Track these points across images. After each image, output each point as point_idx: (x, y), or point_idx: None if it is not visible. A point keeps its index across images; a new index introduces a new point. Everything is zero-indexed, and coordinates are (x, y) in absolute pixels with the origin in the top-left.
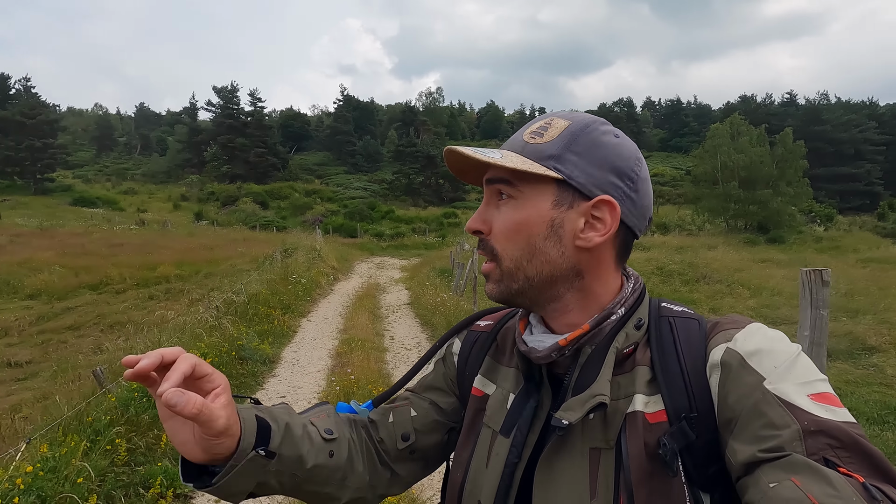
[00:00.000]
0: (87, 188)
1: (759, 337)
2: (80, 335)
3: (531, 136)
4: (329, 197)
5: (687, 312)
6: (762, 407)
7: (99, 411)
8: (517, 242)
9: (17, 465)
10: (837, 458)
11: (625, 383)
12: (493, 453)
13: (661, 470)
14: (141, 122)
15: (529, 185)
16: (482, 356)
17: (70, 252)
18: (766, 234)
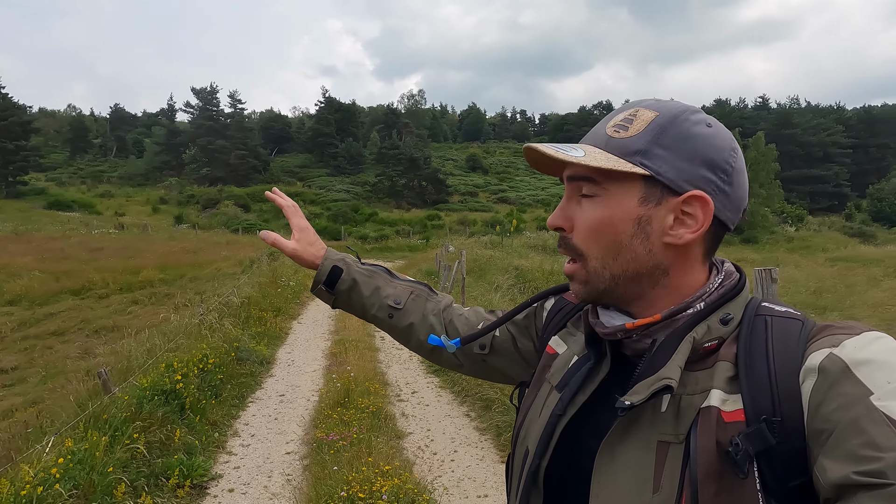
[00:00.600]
0: (61, 191)
1: (876, 347)
2: (65, 341)
3: (615, 130)
4: (312, 199)
5: (791, 313)
6: (864, 423)
7: (115, 409)
8: (602, 241)
9: (47, 457)
10: None
11: (703, 378)
12: (546, 405)
13: (730, 470)
14: (116, 123)
15: (615, 181)
16: (565, 321)
17: (49, 257)
18: (741, 234)
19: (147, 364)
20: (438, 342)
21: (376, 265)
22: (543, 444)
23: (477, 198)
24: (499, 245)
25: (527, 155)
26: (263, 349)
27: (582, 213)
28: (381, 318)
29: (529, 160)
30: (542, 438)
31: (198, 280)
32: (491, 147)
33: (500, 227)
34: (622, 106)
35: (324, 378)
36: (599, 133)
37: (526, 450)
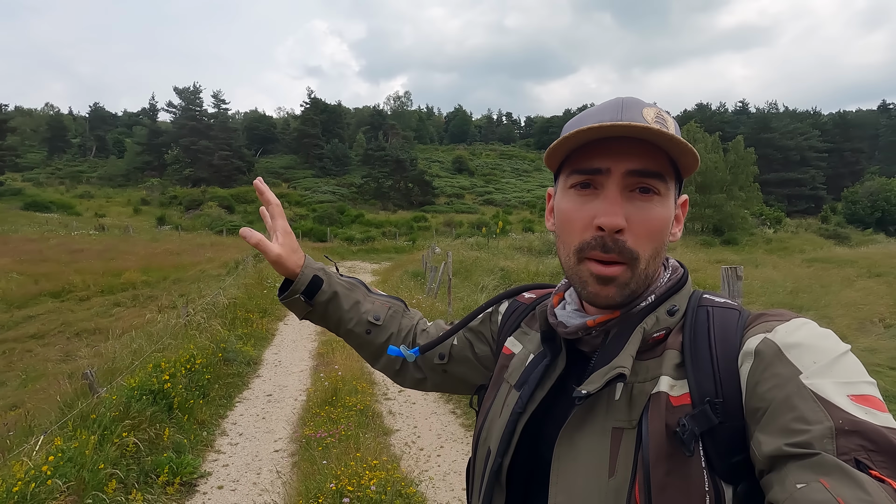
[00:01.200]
0: (38, 192)
1: (804, 332)
2: (45, 344)
3: (660, 126)
4: (297, 201)
5: (729, 304)
6: (794, 400)
7: (104, 408)
8: (656, 243)
9: (37, 455)
10: (870, 461)
11: (653, 366)
12: (505, 405)
13: (679, 450)
14: (96, 122)
15: (671, 181)
16: (519, 321)
17: (27, 259)
18: (721, 236)
19: (134, 365)
20: (398, 352)
21: (354, 278)
22: (505, 443)
23: (463, 200)
24: (485, 247)
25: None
26: (250, 350)
27: (643, 211)
28: (358, 332)
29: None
30: (503, 437)
31: (181, 282)
32: (477, 149)
33: (485, 229)
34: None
35: (311, 378)
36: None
37: (488, 450)
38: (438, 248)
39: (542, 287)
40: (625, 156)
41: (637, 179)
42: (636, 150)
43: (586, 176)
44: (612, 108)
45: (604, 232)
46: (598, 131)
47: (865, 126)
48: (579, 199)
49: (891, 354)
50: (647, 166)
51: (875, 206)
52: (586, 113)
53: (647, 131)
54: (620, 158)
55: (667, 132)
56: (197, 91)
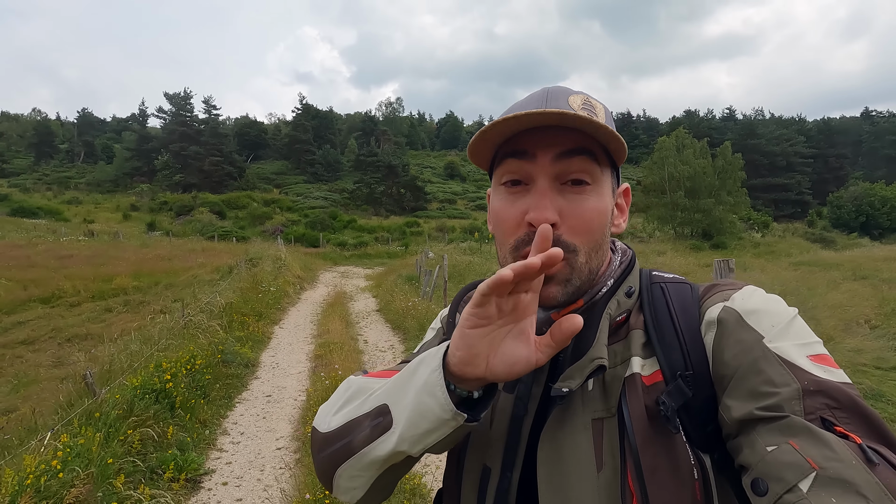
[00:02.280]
0: (25, 197)
1: (757, 297)
2: (35, 349)
3: (587, 113)
4: (289, 206)
5: (678, 278)
6: (761, 364)
7: (108, 407)
8: (594, 234)
9: (45, 451)
10: (834, 418)
11: (621, 350)
12: (498, 410)
13: (663, 430)
14: (84, 128)
15: (606, 169)
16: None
17: (15, 265)
18: (710, 240)
19: (135, 365)
20: None
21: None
22: (511, 454)
23: (455, 205)
24: (477, 251)
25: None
26: (248, 352)
27: (576, 204)
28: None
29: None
30: (507, 448)
31: (173, 287)
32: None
33: (478, 234)
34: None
35: (309, 379)
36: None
37: (483, 469)
38: (432, 252)
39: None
40: (551, 142)
41: (566, 166)
42: (562, 137)
43: (516, 163)
44: (538, 99)
45: (535, 228)
46: (517, 120)
47: (849, 132)
48: (510, 197)
49: (875, 354)
50: (576, 144)
51: (860, 210)
52: (513, 105)
53: (565, 117)
54: (547, 144)
55: (586, 117)
56: (188, 97)
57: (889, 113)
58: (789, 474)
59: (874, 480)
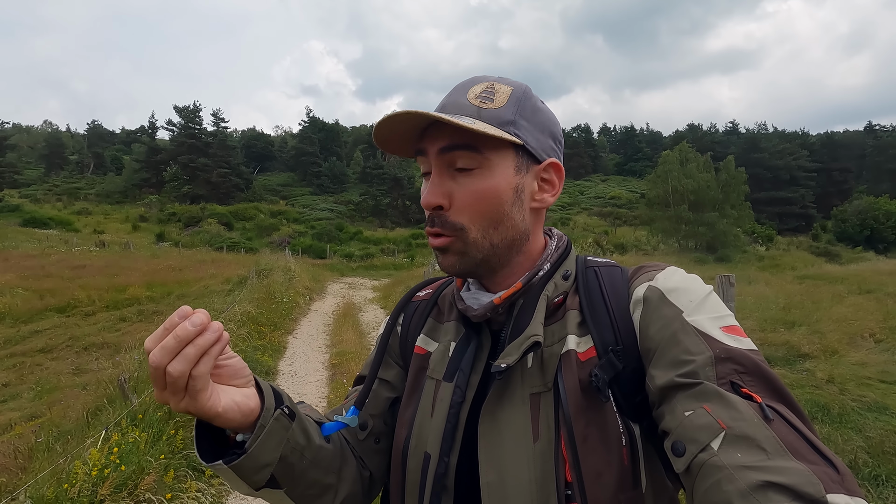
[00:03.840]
0: (36, 208)
1: (677, 277)
2: (54, 357)
3: (481, 101)
4: (295, 218)
5: (610, 262)
6: (680, 335)
7: (151, 409)
8: (485, 212)
9: (100, 448)
10: (741, 381)
11: (558, 330)
12: (438, 400)
13: (594, 401)
14: (94, 140)
15: (495, 151)
16: (424, 320)
17: (30, 274)
18: (715, 253)
19: None
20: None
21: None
22: (449, 439)
23: None
24: None
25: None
26: (268, 360)
27: (462, 186)
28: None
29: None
30: (445, 434)
31: (186, 297)
32: None
33: None
34: (469, 80)
35: (328, 387)
36: (464, 104)
37: (425, 456)
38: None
39: (434, 281)
40: (435, 137)
41: (452, 155)
42: (443, 134)
43: (420, 158)
44: (451, 91)
45: (430, 212)
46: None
47: (852, 146)
48: (424, 186)
49: (880, 368)
50: (452, 141)
51: (864, 224)
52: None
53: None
54: (432, 140)
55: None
56: (196, 109)
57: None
58: (702, 435)
59: (771, 434)
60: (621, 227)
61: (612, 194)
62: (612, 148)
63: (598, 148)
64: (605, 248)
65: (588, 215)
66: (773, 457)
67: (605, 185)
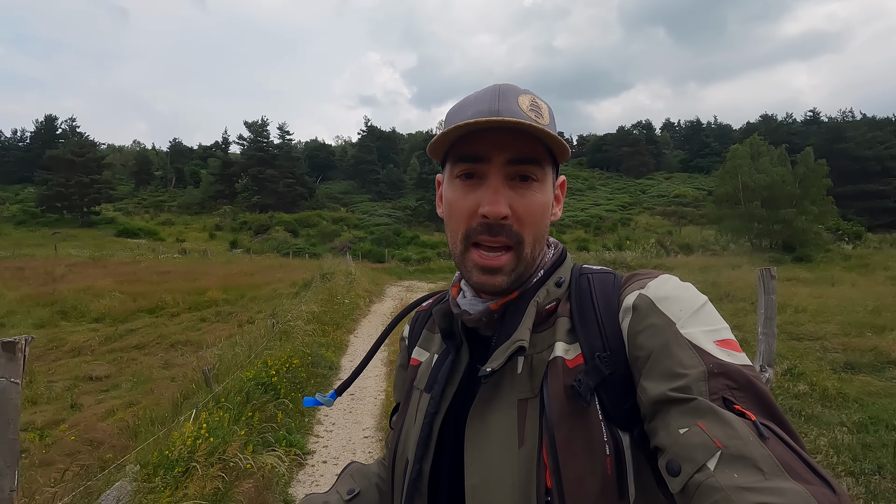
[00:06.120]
0: (128, 220)
1: (670, 285)
2: (146, 353)
3: (535, 115)
4: (355, 224)
5: (604, 269)
6: (673, 347)
7: (231, 394)
8: (539, 226)
9: (191, 423)
10: (734, 398)
11: (547, 336)
12: (419, 410)
13: (578, 407)
14: (175, 156)
15: (547, 167)
16: (420, 331)
17: (125, 279)
18: (792, 252)
19: (242, 363)
20: (314, 402)
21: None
22: (423, 447)
23: None
24: None
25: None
26: (332, 356)
27: (524, 198)
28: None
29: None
30: (420, 442)
31: (257, 300)
32: None
33: None
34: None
35: (386, 381)
36: (522, 115)
37: (406, 461)
38: None
39: (435, 294)
40: (503, 145)
41: (516, 168)
42: (513, 139)
43: (470, 164)
44: (490, 97)
45: (489, 220)
46: (477, 125)
47: None
48: (464, 189)
49: None
50: (524, 153)
51: None
52: (466, 101)
53: (520, 125)
54: (500, 148)
55: (537, 125)
56: (264, 124)
57: None
58: (698, 454)
59: (767, 454)
60: (686, 226)
61: (676, 192)
62: (676, 144)
63: (660, 145)
64: (668, 248)
65: (650, 215)
66: (771, 477)
67: (668, 183)
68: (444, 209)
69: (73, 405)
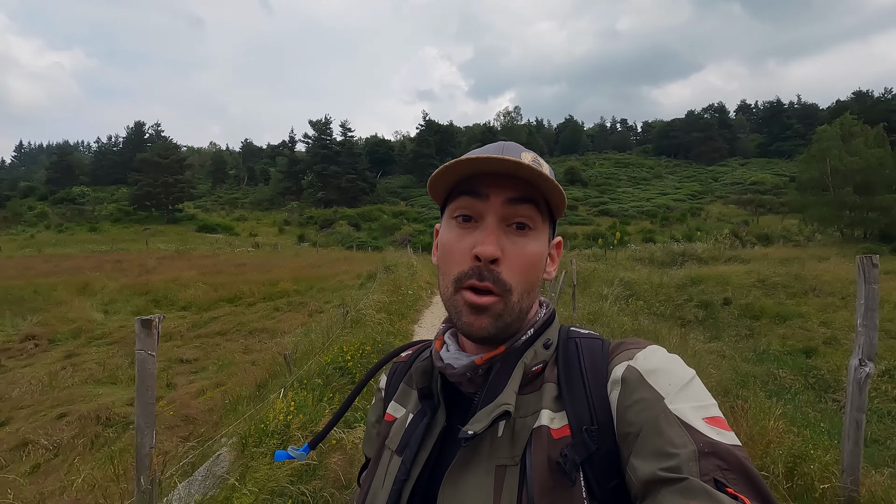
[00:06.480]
0: (207, 217)
1: (658, 357)
2: (228, 339)
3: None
4: (415, 217)
5: (592, 335)
6: (662, 425)
7: (313, 377)
8: (529, 276)
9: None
10: (725, 480)
11: (533, 401)
12: (388, 473)
13: (562, 483)
14: (247, 156)
15: (546, 220)
16: (398, 384)
17: (206, 271)
18: (891, 243)
19: (318, 349)
20: (286, 456)
21: None
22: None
23: (576, 211)
24: (602, 258)
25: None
26: (399, 344)
27: (518, 245)
28: None
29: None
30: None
31: (325, 290)
32: (590, 159)
33: (602, 241)
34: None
35: None
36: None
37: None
38: None
39: (416, 344)
40: (503, 187)
41: (514, 210)
42: (514, 184)
43: (469, 199)
44: (495, 150)
45: (480, 262)
46: (478, 163)
47: None
48: (460, 232)
49: None
50: (523, 192)
51: None
52: (470, 152)
53: (521, 166)
54: (503, 188)
55: (538, 169)
56: (328, 122)
57: None
58: None
59: None
60: (765, 215)
61: (753, 179)
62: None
63: (735, 128)
64: (744, 239)
65: (723, 204)
66: None
67: (744, 170)
68: (438, 253)
69: (168, 384)
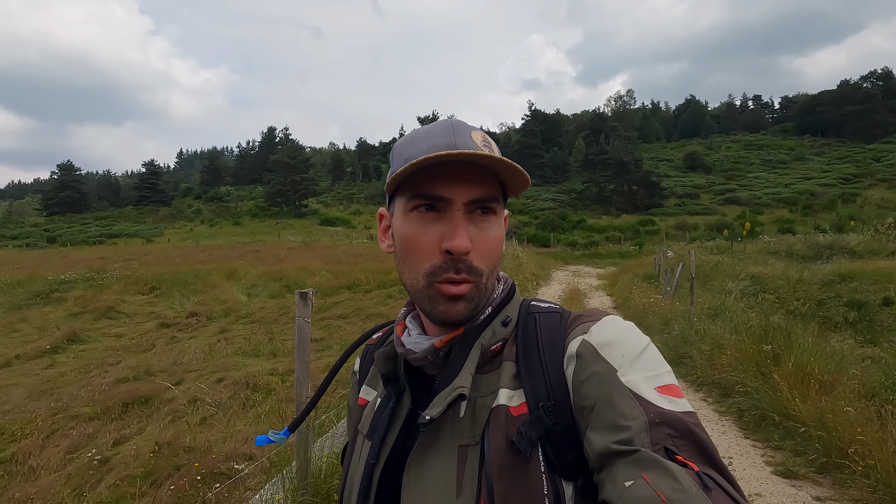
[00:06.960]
0: (327, 211)
1: (612, 328)
2: (348, 322)
3: (489, 150)
4: (520, 209)
5: (552, 307)
6: (615, 398)
7: None
8: (495, 258)
9: None
10: (675, 447)
11: (492, 380)
12: (361, 457)
13: (520, 460)
14: (362, 153)
15: (502, 200)
16: (369, 367)
17: (329, 261)
18: None
19: None
20: (266, 440)
21: None
22: (363, 497)
23: (697, 200)
24: (727, 250)
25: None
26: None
27: (484, 232)
28: None
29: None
30: (360, 492)
31: None
32: (714, 142)
33: (727, 232)
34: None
35: None
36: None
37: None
38: (671, 251)
39: (386, 325)
40: (463, 182)
41: (477, 204)
42: (471, 174)
43: (428, 201)
44: (445, 131)
45: (453, 255)
46: (438, 159)
47: None
48: (423, 222)
49: None
50: (485, 194)
51: None
52: (417, 135)
53: (488, 159)
54: (460, 187)
55: (504, 159)
56: (435, 118)
57: None
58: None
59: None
60: None
61: None
62: None
63: None
64: None
65: (887, 188)
66: None
67: None
68: (397, 244)
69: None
